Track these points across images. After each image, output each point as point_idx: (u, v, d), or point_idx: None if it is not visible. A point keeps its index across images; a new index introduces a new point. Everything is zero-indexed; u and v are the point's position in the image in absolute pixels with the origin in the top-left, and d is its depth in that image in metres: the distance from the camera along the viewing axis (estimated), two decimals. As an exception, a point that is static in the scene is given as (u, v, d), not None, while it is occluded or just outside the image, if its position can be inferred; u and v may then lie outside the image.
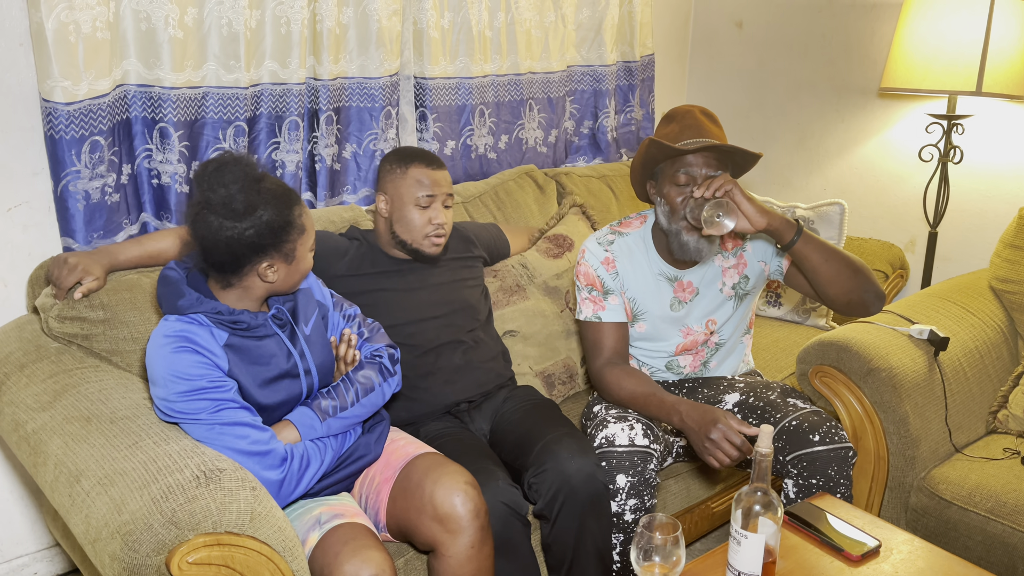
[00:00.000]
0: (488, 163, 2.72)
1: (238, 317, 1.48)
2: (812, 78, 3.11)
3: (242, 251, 1.44)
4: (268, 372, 1.52)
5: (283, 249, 1.48)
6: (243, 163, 1.44)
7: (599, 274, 1.90)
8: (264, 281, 1.50)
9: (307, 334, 1.60)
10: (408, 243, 1.97)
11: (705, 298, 1.94)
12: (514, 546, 1.67)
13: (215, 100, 2.06)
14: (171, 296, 1.46)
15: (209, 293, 1.50)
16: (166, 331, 1.44)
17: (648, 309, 1.93)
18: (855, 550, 1.50)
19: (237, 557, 1.29)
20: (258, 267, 1.47)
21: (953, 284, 2.40)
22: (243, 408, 1.45)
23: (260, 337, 1.52)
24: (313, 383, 1.59)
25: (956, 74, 2.41)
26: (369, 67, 2.34)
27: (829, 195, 3.11)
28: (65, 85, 1.80)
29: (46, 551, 2.17)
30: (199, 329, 1.45)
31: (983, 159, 2.70)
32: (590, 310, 1.91)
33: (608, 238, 1.94)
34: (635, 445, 1.75)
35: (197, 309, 1.45)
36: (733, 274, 1.95)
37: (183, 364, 1.41)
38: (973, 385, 2.13)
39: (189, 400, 1.41)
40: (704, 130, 1.80)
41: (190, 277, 1.51)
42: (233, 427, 1.42)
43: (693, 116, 1.83)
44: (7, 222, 1.93)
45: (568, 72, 2.91)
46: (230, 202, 1.41)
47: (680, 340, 1.97)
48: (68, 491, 1.35)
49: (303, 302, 1.63)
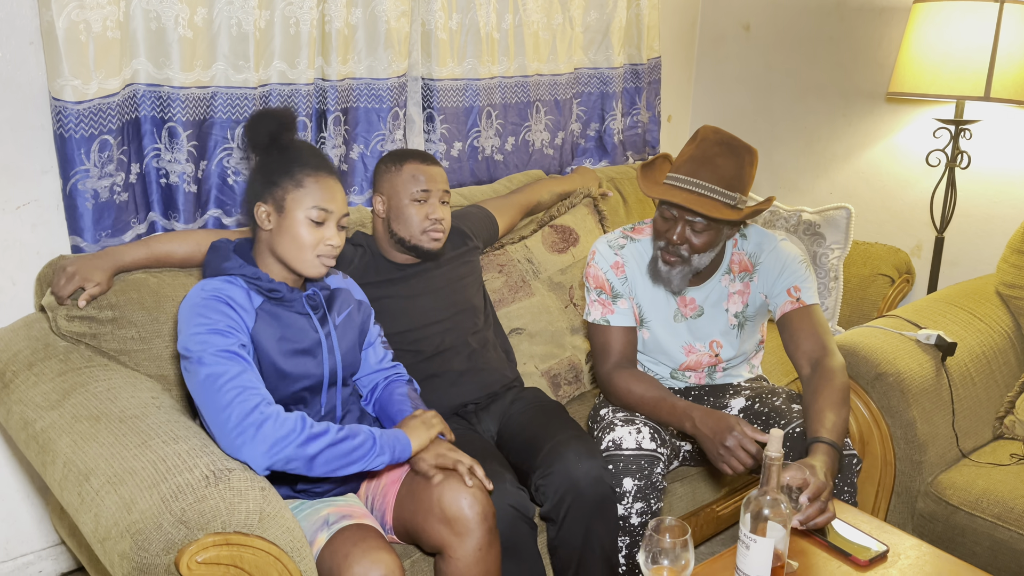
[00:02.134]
0: (495, 165, 2.72)
1: (275, 286, 1.52)
2: (820, 82, 3.11)
3: (249, 189, 1.56)
4: (293, 343, 1.54)
5: (274, 193, 1.53)
6: (279, 116, 1.54)
7: (609, 278, 1.90)
8: (263, 229, 1.54)
9: (337, 323, 1.64)
10: (407, 240, 1.96)
11: (709, 319, 1.92)
12: (521, 549, 1.67)
13: (224, 100, 2.06)
14: (217, 260, 1.54)
15: (253, 263, 1.57)
16: (204, 286, 1.49)
17: (653, 318, 1.92)
18: (863, 555, 1.49)
19: (246, 557, 1.29)
20: (258, 211, 1.53)
21: (960, 289, 2.40)
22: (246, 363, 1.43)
23: (293, 312, 1.56)
24: (336, 367, 1.61)
25: (964, 79, 2.41)
26: (377, 68, 2.34)
27: (835, 199, 3.11)
28: (75, 84, 1.81)
29: (51, 549, 2.17)
30: (235, 289, 1.49)
31: (991, 164, 2.70)
32: (599, 313, 1.90)
33: (619, 242, 1.93)
34: (642, 449, 1.75)
35: (238, 272, 1.51)
36: (738, 301, 1.92)
37: (209, 309, 1.45)
38: (980, 390, 2.13)
39: (200, 336, 1.42)
40: (707, 167, 1.69)
41: (238, 247, 1.59)
42: (227, 362, 1.41)
43: (705, 147, 1.71)
44: (16, 220, 1.93)
45: (575, 74, 2.91)
46: (252, 135, 1.54)
47: (683, 359, 1.95)
48: (77, 490, 1.35)
49: (340, 296, 1.68)
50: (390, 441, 1.51)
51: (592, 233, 2.49)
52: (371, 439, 1.48)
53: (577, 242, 2.43)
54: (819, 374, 1.75)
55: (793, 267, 1.87)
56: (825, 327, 1.85)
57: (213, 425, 1.40)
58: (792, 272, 1.87)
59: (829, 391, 1.71)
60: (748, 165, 1.72)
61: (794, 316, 1.84)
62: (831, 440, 1.61)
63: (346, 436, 1.45)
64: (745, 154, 1.72)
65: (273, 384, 1.51)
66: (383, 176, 1.99)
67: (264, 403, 1.39)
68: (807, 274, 1.87)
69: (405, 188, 1.95)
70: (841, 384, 1.73)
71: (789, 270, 1.87)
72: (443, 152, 2.57)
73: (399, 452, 1.52)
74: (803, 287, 1.86)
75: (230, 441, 1.37)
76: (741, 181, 1.71)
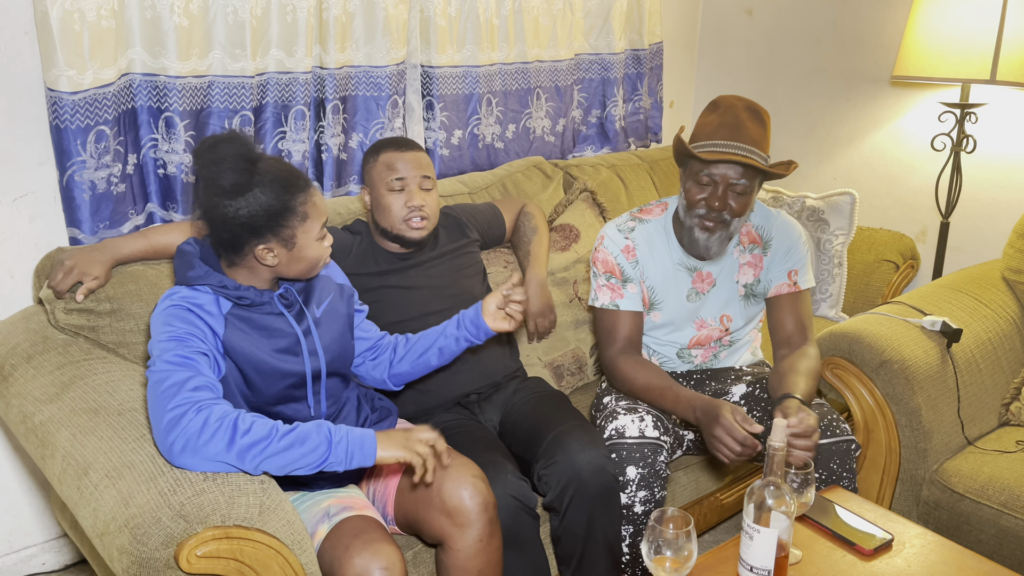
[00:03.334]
0: (495, 153, 2.70)
1: (243, 293, 1.47)
2: (823, 66, 3.08)
3: (237, 231, 1.44)
4: (270, 344, 1.51)
5: (281, 234, 1.46)
6: (238, 142, 1.43)
7: (619, 262, 1.88)
8: (263, 264, 1.49)
9: (317, 316, 1.59)
10: (389, 230, 1.94)
11: (722, 290, 1.92)
12: (523, 539, 1.66)
13: (221, 89, 2.04)
14: (183, 267, 1.48)
15: (219, 268, 1.51)
16: (172, 296, 1.45)
17: (665, 299, 1.91)
18: (867, 544, 1.48)
19: (246, 550, 1.28)
20: (255, 249, 1.46)
21: (965, 275, 2.37)
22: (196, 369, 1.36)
23: (265, 314, 1.52)
24: (320, 365, 1.57)
25: (970, 62, 2.38)
26: (376, 56, 2.32)
27: (840, 185, 3.08)
28: (70, 74, 1.79)
29: (54, 541, 2.17)
30: (204, 297, 1.45)
31: (997, 148, 2.67)
32: (607, 297, 1.89)
33: (629, 225, 1.92)
34: (645, 437, 1.74)
35: (205, 281, 1.45)
36: (748, 272, 1.92)
37: (173, 317, 1.41)
38: (986, 377, 2.12)
39: (160, 343, 1.38)
40: (742, 130, 1.72)
41: (203, 252, 1.52)
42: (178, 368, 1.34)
43: (734, 113, 1.74)
44: (13, 212, 1.92)
45: (576, 60, 2.88)
46: (218, 178, 1.40)
47: (694, 333, 1.95)
48: (76, 484, 1.34)
49: (318, 285, 1.63)
50: (349, 448, 1.38)
51: (593, 226, 2.47)
52: (324, 446, 1.35)
53: (578, 238, 2.41)
54: (797, 352, 1.84)
55: (798, 248, 1.91)
56: (810, 313, 1.93)
57: (153, 432, 1.33)
58: (796, 253, 1.91)
59: (804, 365, 1.79)
60: (768, 127, 1.78)
61: (786, 298, 1.91)
62: (803, 400, 1.69)
63: (291, 444, 1.33)
64: (765, 116, 1.78)
65: (256, 385, 1.50)
66: (365, 168, 1.99)
67: (194, 410, 1.29)
68: (807, 256, 1.92)
69: (381, 178, 1.92)
70: (815, 365, 1.81)
71: (794, 251, 1.91)
72: (443, 140, 2.55)
73: (358, 460, 1.38)
74: (801, 271, 1.91)
75: (163, 448, 1.30)
76: (766, 141, 1.77)
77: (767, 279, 1.92)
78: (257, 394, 1.50)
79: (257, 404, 1.52)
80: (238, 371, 1.48)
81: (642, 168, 2.86)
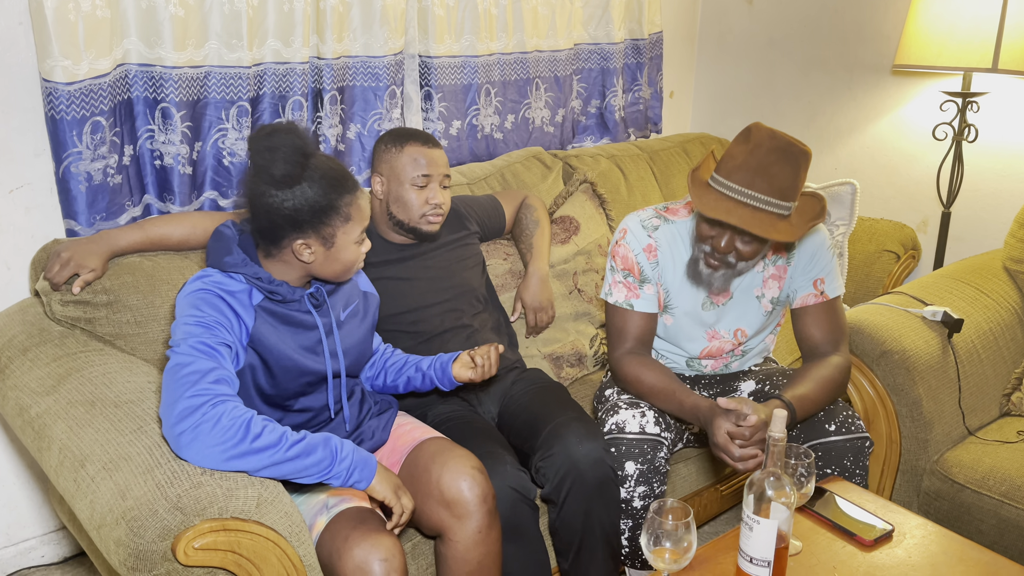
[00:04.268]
0: (494, 143, 2.69)
1: (276, 288, 1.47)
2: (824, 55, 3.06)
3: (279, 222, 1.44)
4: (296, 341, 1.51)
5: (321, 231, 1.47)
6: (295, 133, 1.43)
7: (639, 261, 1.82)
8: (299, 259, 1.49)
9: (341, 319, 1.59)
10: (405, 223, 1.94)
11: (739, 304, 1.85)
12: (522, 530, 1.66)
13: (217, 80, 2.03)
14: (219, 251, 1.47)
15: (255, 258, 1.51)
16: (204, 279, 1.43)
17: (679, 304, 1.85)
18: (868, 535, 1.48)
19: (244, 543, 1.28)
20: (294, 243, 1.47)
21: (967, 265, 2.36)
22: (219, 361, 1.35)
23: (294, 311, 1.51)
24: (340, 367, 1.57)
25: (972, 51, 2.36)
26: (373, 46, 2.30)
27: (840, 175, 3.07)
28: (65, 65, 1.78)
29: (53, 534, 2.17)
30: (236, 285, 1.45)
31: (998, 138, 2.66)
32: (622, 295, 1.83)
33: (654, 223, 1.84)
34: (646, 433, 1.73)
35: (240, 269, 1.45)
36: (774, 286, 1.84)
37: (203, 302, 1.40)
38: (987, 367, 2.11)
39: (187, 326, 1.37)
40: (763, 177, 1.57)
41: (242, 239, 1.52)
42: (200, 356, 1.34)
43: (760, 154, 1.58)
44: (9, 204, 1.91)
45: (575, 50, 2.86)
46: (270, 167, 1.41)
47: (706, 344, 1.89)
48: (73, 476, 1.34)
49: (345, 289, 1.63)
50: (351, 467, 1.39)
51: (593, 218, 2.45)
52: (328, 460, 1.35)
53: (578, 230, 2.39)
54: (818, 360, 1.77)
55: (822, 255, 1.81)
56: (843, 323, 1.82)
57: (161, 413, 1.31)
58: (820, 261, 1.81)
59: (816, 371, 1.73)
60: (803, 170, 1.60)
61: (813, 309, 1.82)
62: (789, 401, 1.64)
63: (298, 455, 1.32)
64: (801, 159, 1.59)
65: (279, 379, 1.50)
66: (383, 156, 1.96)
67: (210, 404, 1.28)
68: (833, 262, 1.82)
69: (406, 172, 1.92)
70: (829, 373, 1.72)
71: (818, 259, 1.81)
72: (442, 131, 2.53)
73: (355, 479, 1.40)
74: (828, 279, 1.81)
75: (171, 436, 1.29)
76: (795, 189, 1.61)
77: (792, 289, 1.83)
78: (276, 388, 1.50)
79: (274, 397, 1.52)
80: (262, 363, 1.47)
81: (642, 159, 2.84)
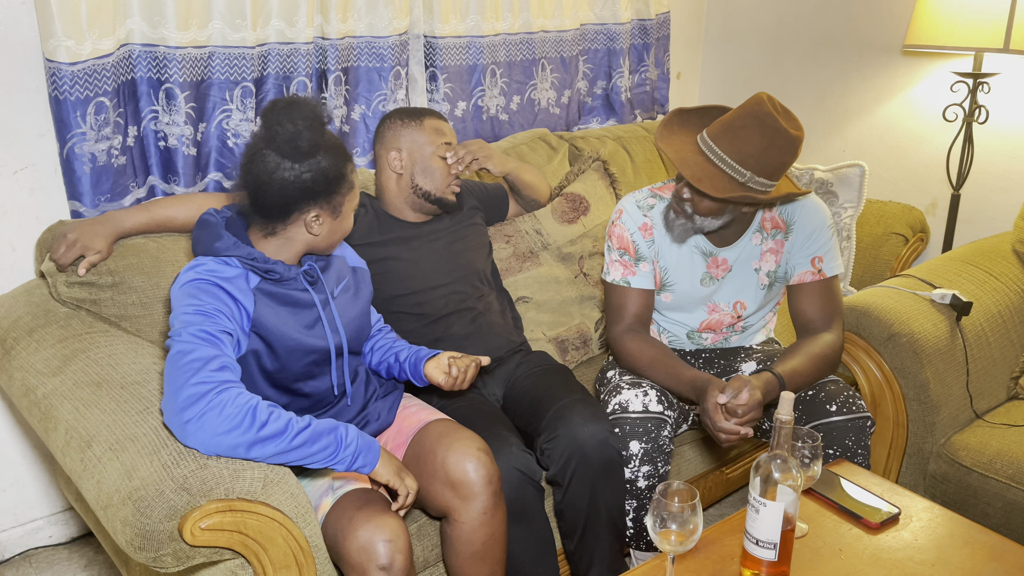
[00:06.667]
0: (500, 125, 2.67)
1: (272, 267, 1.46)
2: (833, 35, 3.02)
3: (294, 195, 1.44)
4: (297, 320, 1.50)
5: (332, 201, 1.48)
6: (313, 104, 1.44)
7: (635, 239, 1.84)
8: (309, 232, 1.49)
9: (335, 294, 1.60)
10: (432, 193, 1.97)
11: (738, 276, 1.86)
12: (527, 512, 1.66)
13: (221, 60, 2.02)
14: (208, 238, 1.46)
15: (247, 240, 1.50)
16: (197, 268, 1.41)
17: (678, 281, 1.86)
18: (874, 518, 1.48)
19: (250, 523, 1.28)
20: (306, 216, 1.47)
21: (975, 248, 2.35)
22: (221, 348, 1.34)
23: (291, 290, 1.51)
24: (342, 340, 1.57)
25: (983, 31, 2.33)
26: (378, 26, 2.28)
27: (849, 157, 3.04)
28: (68, 45, 1.76)
29: (60, 515, 2.18)
30: (231, 271, 1.43)
31: (1009, 119, 2.63)
32: (619, 273, 1.86)
33: (649, 202, 1.86)
34: (649, 411, 1.73)
35: (233, 252, 1.44)
36: (771, 260, 1.85)
37: (200, 291, 1.38)
38: (995, 350, 2.10)
39: (186, 315, 1.35)
40: (730, 137, 1.60)
41: (228, 223, 1.51)
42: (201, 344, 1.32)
43: (739, 115, 1.60)
44: (14, 185, 1.90)
45: (581, 31, 2.84)
46: (296, 139, 1.40)
47: (705, 317, 1.91)
48: (79, 456, 1.34)
49: (336, 265, 1.63)
50: (356, 453, 1.39)
51: (603, 199, 2.43)
52: (333, 447, 1.35)
53: (588, 211, 2.37)
54: (811, 337, 1.79)
55: (821, 233, 1.81)
56: (838, 302, 1.83)
57: (164, 404, 1.30)
58: (819, 239, 1.81)
59: (808, 347, 1.75)
60: (777, 149, 1.58)
61: (810, 287, 1.83)
62: (780, 375, 1.65)
63: (304, 443, 1.32)
64: (777, 137, 1.58)
65: (283, 361, 1.49)
66: (400, 131, 1.97)
67: (215, 391, 1.27)
68: (832, 241, 1.82)
69: (432, 142, 1.96)
70: (821, 351, 1.74)
71: (817, 236, 1.81)
72: (447, 112, 2.51)
73: (360, 463, 1.40)
74: (827, 257, 1.82)
75: (175, 424, 1.27)
76: (761, 163, 1.60)
77: (789, 265, 1.84)
78: (282, 370, 1.50)
79: (281, 380, 1.51)
80: (266, 346, 1.47)
81: (648, 140, 2.82)
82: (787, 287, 1.88)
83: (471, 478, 1.52)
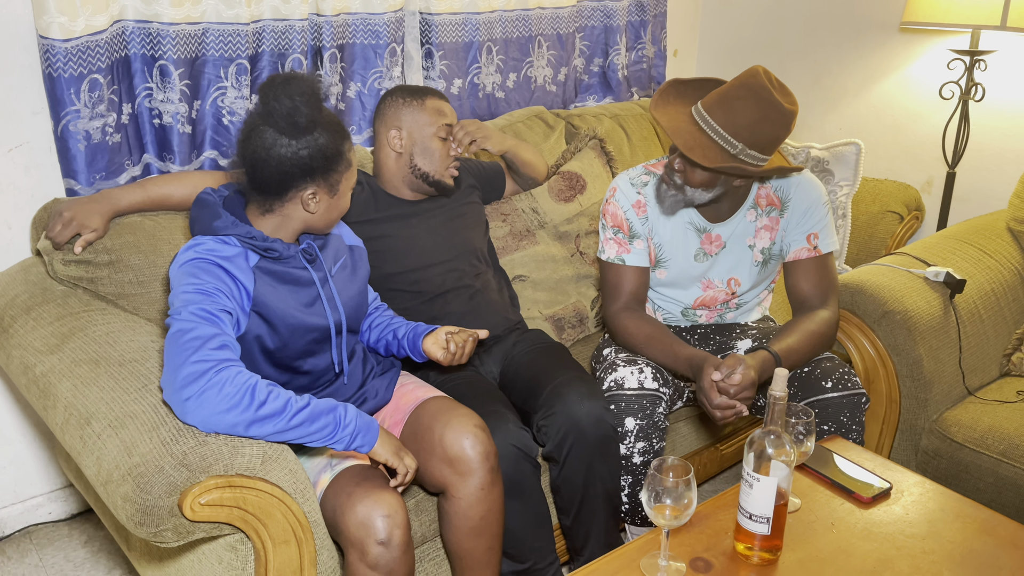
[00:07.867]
0: (496, 102, 2.66)
1: (271, 244, 1.46)
2: (830, 12, 3.01)
3: (292, 171, 1.43)
4: (296, 298, 1.51)
5: (330, 179, 1.48)
6: (311, 80, 1.43)
7: (628, 217, 1.85)
8: (305, 210, 1.49)
9: (333, 272, 1.60)
10: (431, 175, 1.96)
11: (732, 253, 1.87)
12: (524, 488, 1.68)
13: (215, 37, 2.00)
14: (207, 217, 1.45)
15: (245, 219, 1.49)
16: (196, 248, 1.41)
17: (672, 257, 1.87)
18: (866, 492, 1.49)
19: (249, 499, 1.29)
20: (302, 193, 1.46)
21: (970, 225, 2.35)
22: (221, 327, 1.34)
23: (290, 268, 1.51)
24: (341, 318, 1.58)
25: (980, 7, 2.32)
26: (373, 2, 2.27)
27: (845, 135, 3.04)
28: (62, 21, 1.75)
29: (60, 491, 2.19)
30: (230, 250, 1.43)
31: (1006, 97, 2.63)
32: (614, 251, 1.86)
33: (642, 179, 1.87)
34: (644, 388, 1.74)
35: (231, 231, 1.44)
36: (765, 237, 1.86)
37: (200, 270, 1.38)
38: (988, 327, 2.11)
39: (186, 294, 1.34)
40: (723, 107, 1.62)
41: (226, 202, 1.51)
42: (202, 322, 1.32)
43: (733, 86, 1.62)
44: (8, 163, 1.90)
45: (578, 7, 2.82)
46: (294, 114, 1.40)
47: (700, 293, 1.92)
48: (79, 433, 1.35)
49: (333, 244, 1.63)
50: (355, 432, 1.39)
51: (600, 178, 2.43)
52: (331, 426, 1.36)
53: (584, 189, 2.37)
54: (807, 314, 1.80)
55: (816, 210, 1.82)
56: (833, 278, 1.84)
57: (164, 382, 1.30)
58: (814, 215, 1.82)
59: (804, 324, 1.76)
60: (770, 122, 1.60)
61: (805, 264, 1.84)
62: (776, 353, 1.67)
63: (302, 422, 1.33)
64: (771, 110, 1.59)
65: (285, 340, 1.49)
66: (401, 110, 1.96)
67: (215, 369, 1.27)
68: (828, 218, 1.83)
69: (432, 122, 1.95)
70: (817, 328, 1.76)
71: (812, 213, 1.82)
72: (443, 90, 2.50)
73: (358, 443, 1.40)
74: (822, 234, 1.83)
75: (175, 401, 1.28)
76: (754, 135, 1.61)
77: (784, 242, 1.85)
78: (284, 348, 1.50)
79: (281, 359, 1.52)
80: (267, 325, 1.47)
81: (645, 118, 2.81)
82: (783, 264, 1.89)
83: (468, 454, 1.53)
